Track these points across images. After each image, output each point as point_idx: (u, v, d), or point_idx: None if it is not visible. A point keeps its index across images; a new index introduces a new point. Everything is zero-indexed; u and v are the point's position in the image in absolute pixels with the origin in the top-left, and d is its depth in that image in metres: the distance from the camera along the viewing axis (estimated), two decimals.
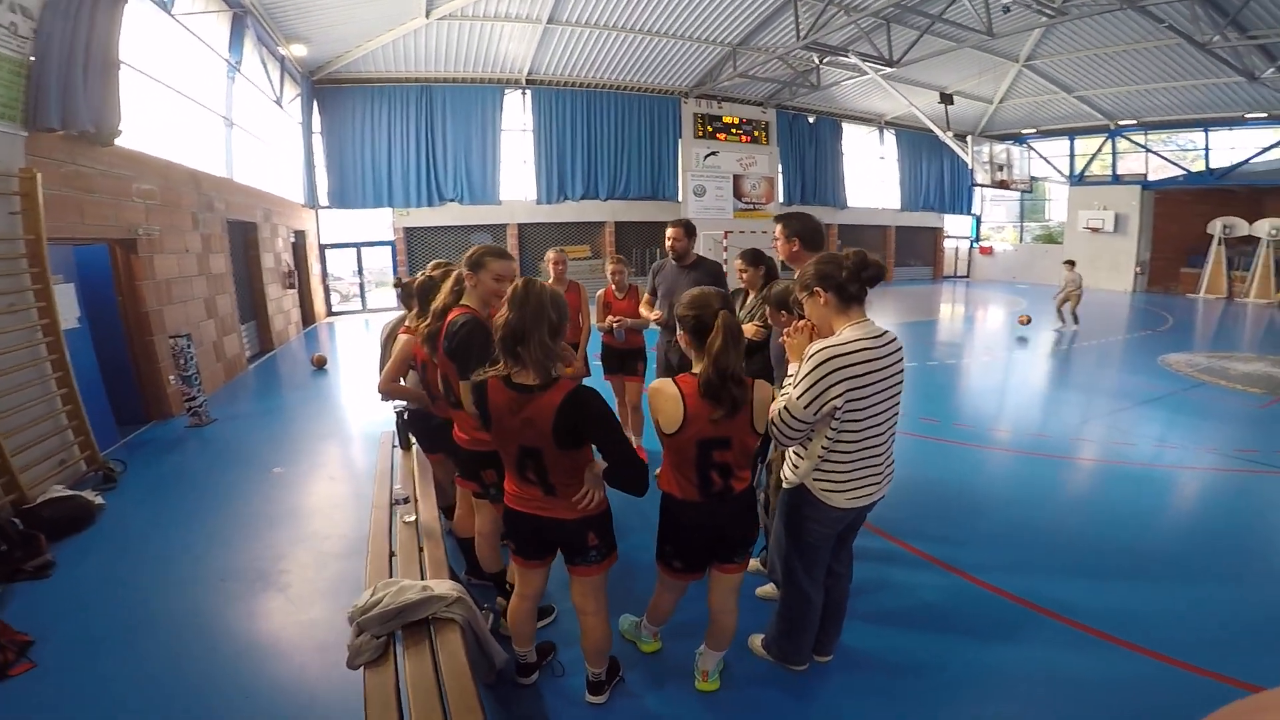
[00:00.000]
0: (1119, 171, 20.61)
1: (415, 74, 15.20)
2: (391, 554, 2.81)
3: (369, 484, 4.69)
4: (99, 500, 4.43)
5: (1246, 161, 17.69)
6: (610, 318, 4.95)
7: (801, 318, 2.51)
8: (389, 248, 16.24)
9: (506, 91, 16.30)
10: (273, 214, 11.30)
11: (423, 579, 2.52)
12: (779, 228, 3.46)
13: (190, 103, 8.51)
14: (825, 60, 15.49)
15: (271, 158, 12.15)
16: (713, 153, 18.45)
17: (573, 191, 17.26)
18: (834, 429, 2.29)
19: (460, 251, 12.03)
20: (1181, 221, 19.89)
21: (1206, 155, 18.85)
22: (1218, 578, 3.58)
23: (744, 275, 3.93)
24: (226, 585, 3.50)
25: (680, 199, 18.36)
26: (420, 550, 2.80)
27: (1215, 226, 18.83)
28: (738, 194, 18.95)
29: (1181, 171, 19.28)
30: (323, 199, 14.99)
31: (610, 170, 17.58)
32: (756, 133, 19.09)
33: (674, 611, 2.71)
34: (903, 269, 24.02)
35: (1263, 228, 17.96)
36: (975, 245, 25.81)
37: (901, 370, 2.38)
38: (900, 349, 2.37)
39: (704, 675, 2.60)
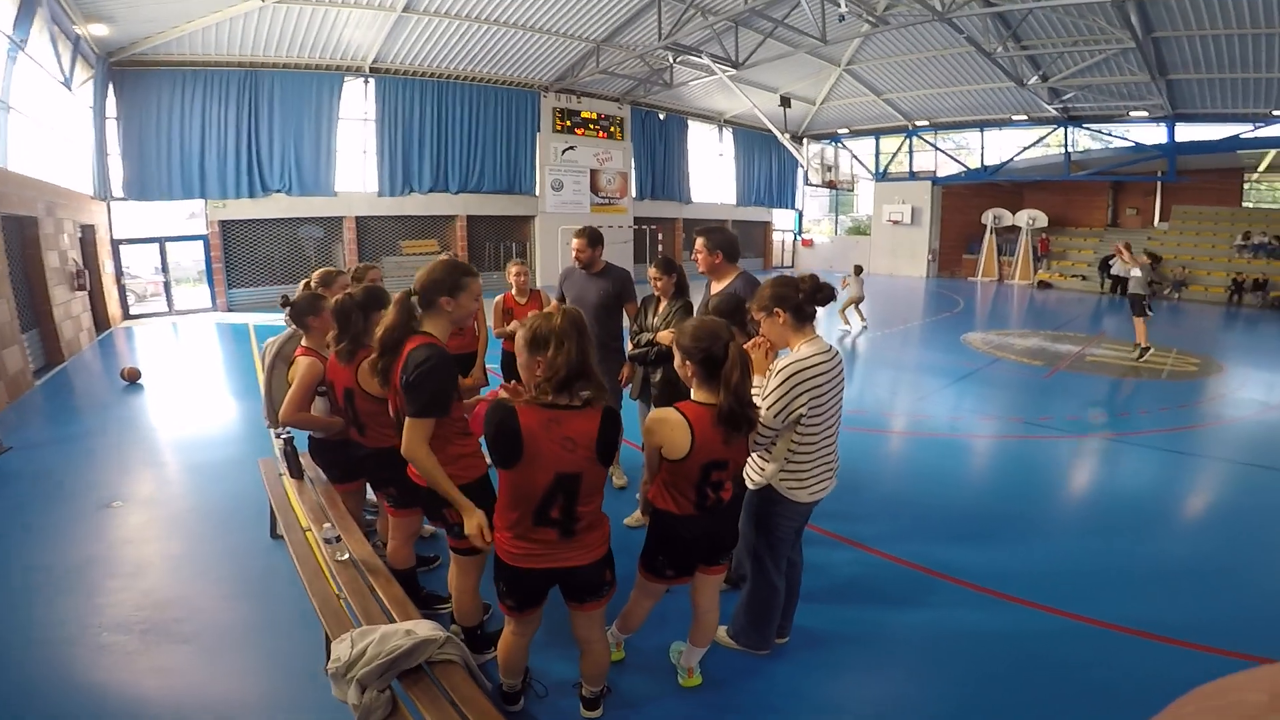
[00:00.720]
0: (915, 168, 23.55)
1: (239, 58, 13.53)
2: (339, 596, 2.56)
3: (238, 515, 4.28)
4: None
5: (1011, 160, 21.04)
6: (515, 323, 4.73)
7: (753, 334, 2.74)
8: (200, 242, 14.27)
9: (347, 79, 15.03)
10: (57, 207, 9.60)
11: (389, 622, 2.34)
12: (701, 241, 3.65)
13: None
14: (679, 59, 16.06)
15: (55, 145, 10.36)
16: (570, 147, 18.48)
17: (420, 184, 16.34)
18: (799, 434, 2.54)
19: (286, 245, 10.96)
20: (963, 213, 23.39)
21: (982, 153, 22.14)
22: (1064, 532, 4.35)
23: (658, 283, 4.03)
24: (110, 640, 2.98)
25: (538, 193, 18.20)
26: (372, 590, 2.57)
27: (988, 217, 22.41)
28: (594, 188, 19.21)
29: (962, 168, 22.42)
30: (116, 190, 12.94)
31: (462, 163, 16.86)
32: (612, 128, 19.43)
33: (645, 619, 2.75)
34: (740, 262, 25.70)
35: (1022, 218, 21.80)
36: (799, 238, 28.20)
37: (844, 378, 2.67)
38: (842, 360, 2.66)
39: (689, 672, 2.69)
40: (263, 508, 4.01)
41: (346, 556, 2.80)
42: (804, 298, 2.54)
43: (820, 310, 2.64)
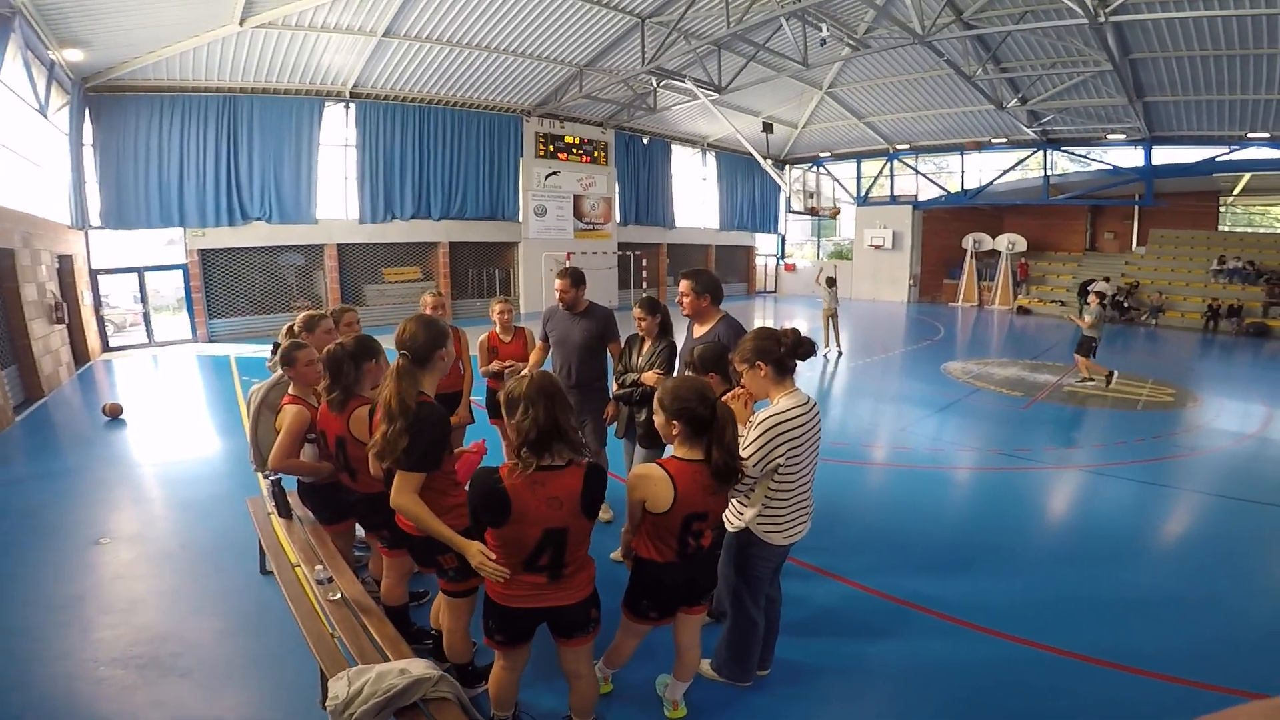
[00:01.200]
0: (895, 192, 23.86)
1: (216, 83, 13.51)
2: (333, 635, 2.61)
3: (228, 551, 4.32)
4: None
5: (991, 183, 21.38)
6: (497, 362, 4.76)
7: (734, 383, 2.87)
8: (180, 271, 14.15)
9: (327, 104, 15.09)
10: (33, 238, 9.48)
11: (383, 660, 2.41)
12: (688, 284, 3.77)
13: None
14: (662, 83, 16.35)
15: (30, 173, 10.24)
16: (554, 172, 18.67)
17: (402, 211, 16.40)
18: (776, 481, 2.67)
19: (266, 273, 12.01)
20: (943, 237, 23.61)
21: (962, 177, 22.49)
22: (1038, 563, 4.45)
23: (642, 324, 4.13)
24: (109, 674, 3.03)
25: (521, 219, 18.35)
26: (365, 629, 2.63)
27: (968, 241, 22.66)
28: (578, 214, 19.39)
29: (942, 192, 22.76)
30: (94, 219, 12.78)
31: (444, 189, 16.95)
32: (596, 153, 19.65)
33: (632, 655, 2.83)
34: (723, 286, 25.89)
35: (1002, 242, 22.04)
36: (781, 262, 28.59)
37: (820, 429, 2.80)
38: (819, 411, 2.79)
39: (674, 705, 2.78)
40: (251, 543, 4.06)
41: (339, 596, 2.86)
42: (785, 352, 2.65)
43: (801, 364, 2.75)
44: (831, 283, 12.88)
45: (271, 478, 3.63)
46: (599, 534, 4.48)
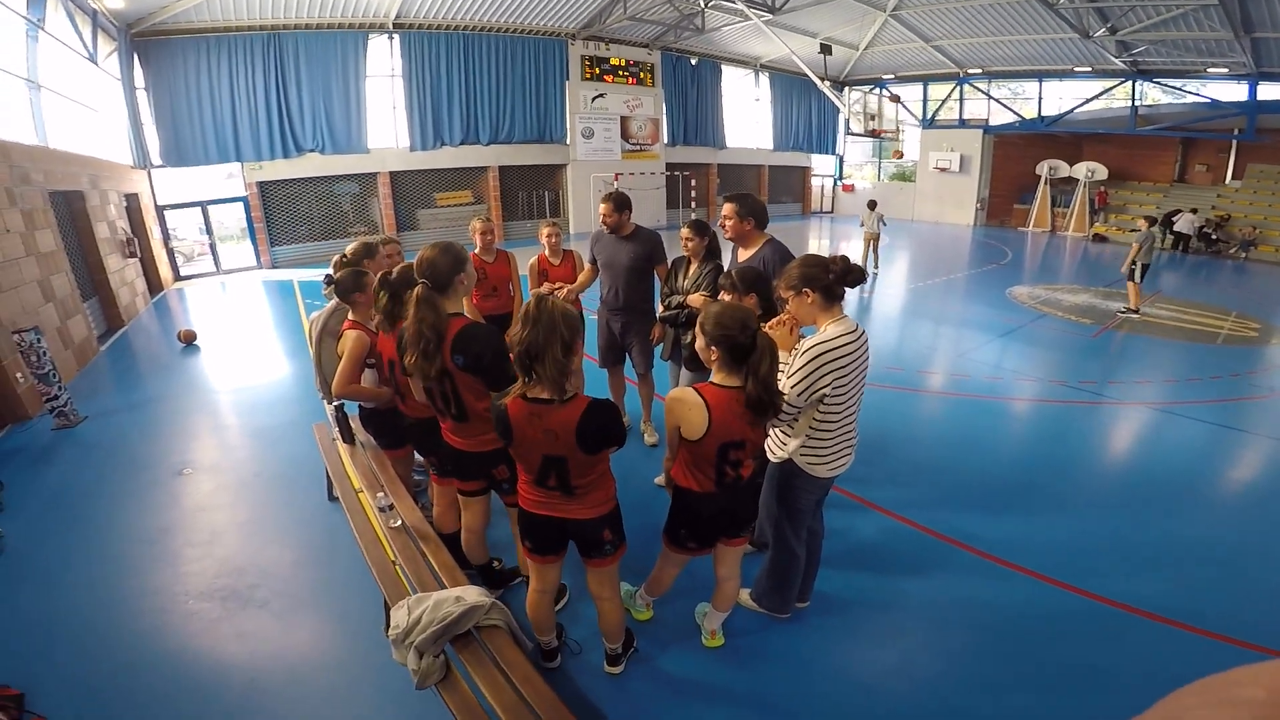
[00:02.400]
0: (964, 116, 22.51)
1: (260, 21, 13.55)
2: (394, 563, 2.78)
3: (300, 481, 4.53)
4: None
5: (1071, 111, 19.89)
6: (547, 285, 4.78)
7: (777, 309, 2.76)
8: (241, 203, 14.65)
9: (371, 36, 15.02)
10: (100, 179, 9.96)
11: (440, 587, 2.55)
12: (732, 207, 3.63)
13: None
14: (710, 4, 15.58)
15: (91, 119, 10.66)
16: (600, 95, 18.39)
17: (451, 137, 16.43)
18: (821, 412, 2.59)
19: (323, 202, 11.99)
20: (1017, 163, 22.34)
21: (1039, 103, 20.96)
22: (1091, 506, 4.26)
23: (690, 244, 4.06)
24: (197, 607, 3.26)
25: (569, 141, 18.20)
26: (424, 556, 2.79)
27: (1043, 168, 21.35)
28: (625, 135, 19.17)
29: (1017, 117, 21.33)
30: (155, 158, 13.25)
31: (492, 114, 16.90)
32: (642, 74, 19.20)
33: (672, 584, 2.91)
34: (775, 206, 25.11)
35: (1080, 170, 20.70)
36: (839, 183, 27.44)
37: (868, 357, 2.68)
38: (867, 339, 2.67)
39: (711, 634, 2.88)
40: (319, 470, 4.26)
41: (399, 524, 3.01)
42: (834, 279, 2.52)
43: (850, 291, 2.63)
44: (873, 205, 12.51)
45: (336, 404, 3.79)
46: (644, 459, 4.65)
